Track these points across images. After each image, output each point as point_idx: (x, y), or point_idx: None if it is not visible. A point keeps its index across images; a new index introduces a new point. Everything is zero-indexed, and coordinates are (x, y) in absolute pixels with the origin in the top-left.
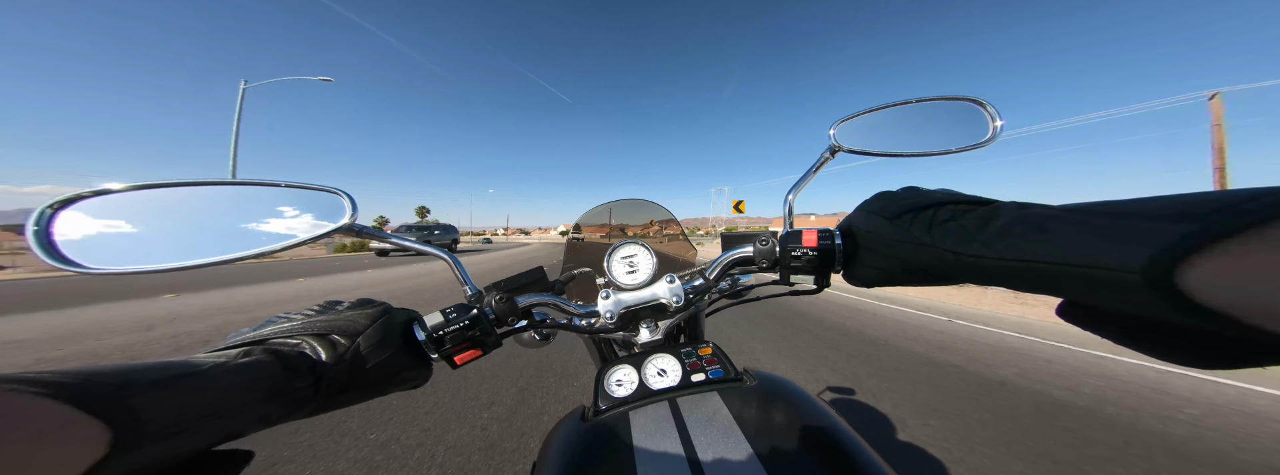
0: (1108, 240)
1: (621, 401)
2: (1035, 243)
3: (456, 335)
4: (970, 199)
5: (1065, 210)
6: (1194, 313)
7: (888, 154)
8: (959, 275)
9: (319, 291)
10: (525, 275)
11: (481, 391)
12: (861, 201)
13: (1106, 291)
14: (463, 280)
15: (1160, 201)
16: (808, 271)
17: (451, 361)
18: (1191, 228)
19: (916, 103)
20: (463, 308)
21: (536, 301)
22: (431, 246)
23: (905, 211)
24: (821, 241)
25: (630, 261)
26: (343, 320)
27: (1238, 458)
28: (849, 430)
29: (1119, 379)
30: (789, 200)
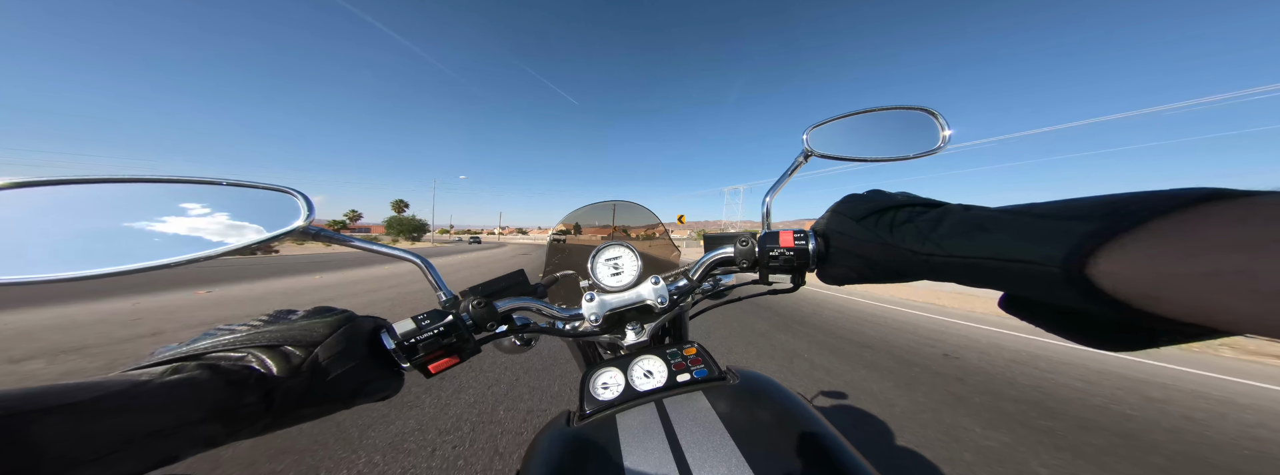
0: (1033, 238)
1: (608, 404)
2: (977, 241)
3: (430, 343)
4: (924, 201)
5: (1001, 211)
6: (1102, 301)
7: (853, 159)
8: (916, 272)
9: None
10: (504, 279)
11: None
12: (832, 203)
13: (1034, 284)
14: (436, 285)
15: (1076, 203)
16: (785, 271)
17: (425, 370)
18: (1094, 227)
19: (879, 111)
20: (437, 314)
21: (517, 306)
22: (398, 250)
23: (870, 213)
24: (797, 242)
25: (615, 263)
26: (298, 330)
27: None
28: (826, 424)
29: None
30: (766, 202)
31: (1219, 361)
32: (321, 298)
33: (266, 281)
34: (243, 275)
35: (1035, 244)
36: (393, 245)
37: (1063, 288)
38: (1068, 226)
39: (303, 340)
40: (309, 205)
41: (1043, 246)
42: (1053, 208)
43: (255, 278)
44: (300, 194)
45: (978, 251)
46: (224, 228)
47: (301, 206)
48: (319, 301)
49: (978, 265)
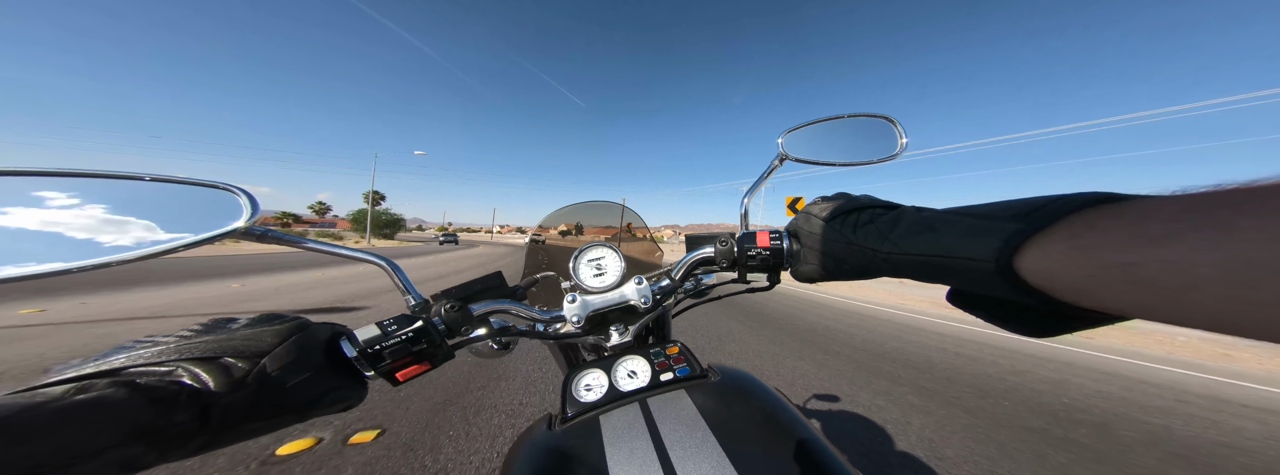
0: (973, 237)
1: (591, 406)
2: (928, 240)
3: (397, 350)
4: (883, 203)
5: (946, 213)
6: (1027, 293)
7: (823, 163)
8: (878, 270)
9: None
10: (481, 281)
11: None
12: (807, 204)
13: (974, 278)
14: (404, 289)
15: (1006, 204)
16: (762, 269)
17: (392, 379)
18: (1019, 226)
19: (846, 118)
20: (405, 319)
21: (494, 309)
22: (360, 251)
23: (837, 214)
24: (773, 241)
25: (598, 264)
26: (240, 340)
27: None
28: (802, 419)
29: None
30: (744, 203)
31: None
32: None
33: (160, 290)
34: (145, 280)
35: (973, 242)
36: (356, 246)
37: (997, 281)
38: (999, 226)
39: (246, 350)
40: (252, 204)
41: (979, 244)
42: (988, 209)
43: (157, 283)
44: (241, 191)
45: (929, 250)
46: (151, 228)
47: (243, 205)
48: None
49: (929, 262)
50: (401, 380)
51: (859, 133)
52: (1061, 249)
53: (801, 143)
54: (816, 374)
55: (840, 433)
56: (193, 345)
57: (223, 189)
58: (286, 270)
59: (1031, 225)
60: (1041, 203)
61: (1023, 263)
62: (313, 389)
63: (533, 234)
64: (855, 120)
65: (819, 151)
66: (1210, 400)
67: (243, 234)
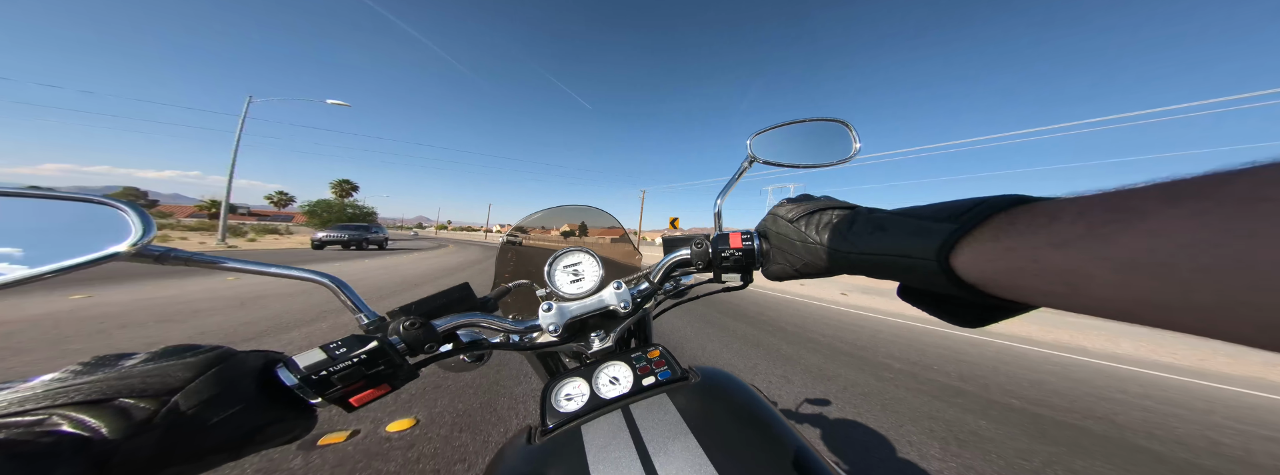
0: (918, 236)
1: (572, 416)
2: (880, 239)
3: (348, 374)
4: (842, 204)
5: (896, 213)
6: (962, 287)
7: (788, 164)
8: (838, 268)
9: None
10: (444, 294)
11: None
12: (774, 205)
13: (919, 274)
14: (355, 307)
15: (946, 205)
16: (735, 270)
17: (345, 404)
18: (954, 227)
19: (808, 121)
20: (356, 340)
21: (460, 323)
22: (298, 269)
23: (801, 215)
24: (745, 242)
25: (575, 270)
26: (138, 377)
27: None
28: (781, 418)
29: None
30: (717, 204)
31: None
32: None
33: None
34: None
35: (918, 242)
36: (296, 266)
37: (938, 277)
38: (939, 227)
39: (149, 389)
40: (143, 221)
41: (923, 244)
42: (931, 210)
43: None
44: (129, 208)
45: (880, 249)
46: (17, 248)
47: (131, 223)
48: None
49: (881, 261)
50: (356, 406)
51: (819, 136)
52: (988, 247)
53: (769, 145)
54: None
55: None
56: (71, 388)
57: (105, 204)
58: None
59: (964, 226)
60: (972, 204)
61: (958, 260)
62: (244, 424)
63: (508, 236)
64: (816, 124)
65: (784, 154)
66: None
67: (132, 256)
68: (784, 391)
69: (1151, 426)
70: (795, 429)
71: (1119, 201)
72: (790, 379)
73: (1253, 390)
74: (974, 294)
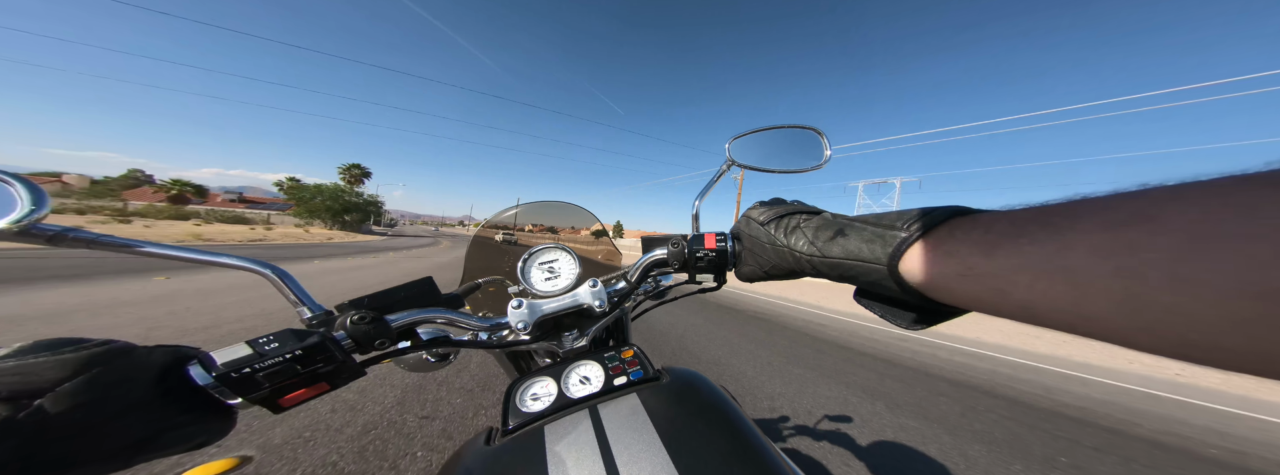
0: (873, 243)
1: (535, 416)
2: (840, 245)
3: (277, 371)
4: (809, 209)
5: (856, 219)
6: (909, 291)
7: (763, 169)
8: (803, 272)
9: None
10: (403, 288)
11: None
12: (747, 208)
13: (872, 279)
14: (297, 300)
15: (900, 213)
16: (710, 270)
17: (273, 404)
18: (904, 235)
19: (783, 128)
20: (292, 335)
21: (418, 319)
22: (227, 256)
23: (771, 219)
24: (719, 243)
25: (550, 267)
26: (16, 376)
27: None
28: (747, 419)
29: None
30: (696, 205)
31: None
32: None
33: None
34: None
35: (872, 248)
36: (234, 254)
37: (888, 282)
38: (890, 234)
39: (4, 391)
40: (34, 196)
41: (876, 250)
42: (886, 217)
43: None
44: (16, 180)
45: (841, 254)
46: None
47: (17, 197)
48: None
49: (840, 265)
50: (286, 405)
51: (794, 142)
52: (930, 255)
53: (747, 149)
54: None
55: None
56: None
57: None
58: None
59: (912, 235)
60: (922, 213)
61: (904, 266)
62: (135, 429)
63: (480, 231)
64: (791, 131)
65: (761, 158)
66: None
67: (16, 235)
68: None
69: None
70: (761, 434)
71: (1042, 216)
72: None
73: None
74: (918, 298)
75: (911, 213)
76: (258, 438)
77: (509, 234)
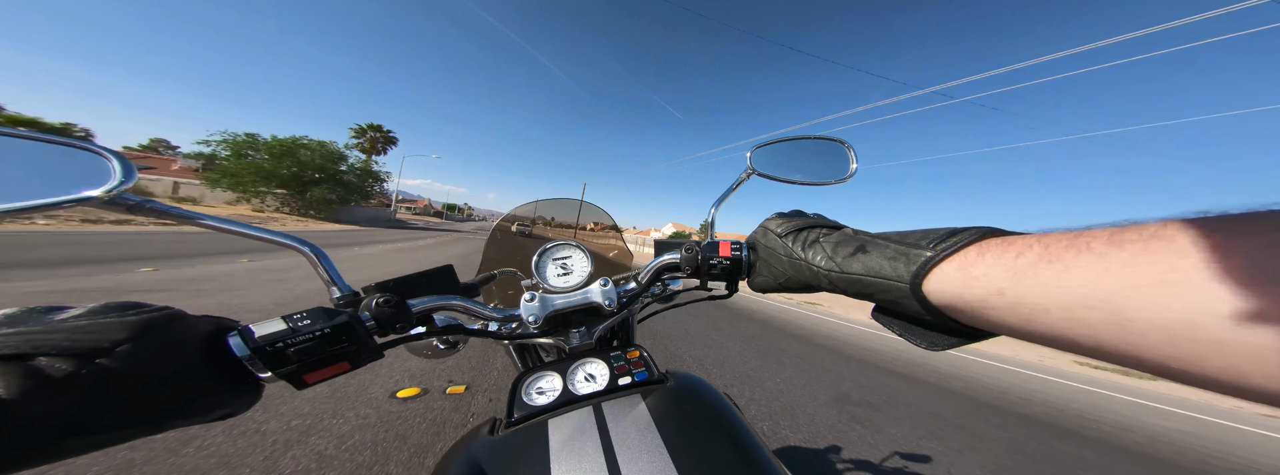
0: (895, 260)
1: (540, 410)
2: (860, 261)
3: (307, 348)
4: (830, 223)
5: (877, 236)
6: (932, 312)
7: (784, 180)
8: (819, 286)
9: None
10: (425, 274)
11: None
12: (766, 219)
13: (893, 297)
14: (330, 279)
15: (925, 232)
16: (722, 278)
17: (297, 380)
18: (930, 254)
19: (809, 139)
20: (323, 313)
21: (437, 305)
22: (275, 233)
23: (790, 231)
24: (734, 252)
25: (564, 263)
26: (65, 334)
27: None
28: (749, 428)
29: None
30: (712, 212)
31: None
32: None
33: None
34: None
35: (895, 265)
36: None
37: (910, 301)
38: (915, 253)
39: (76, 347)
40: (124, 170)
41: (899, 268)
42: (911, 236)
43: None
44: (112, 155)
45: (861, 270)
46: (7, 181)
47: (114, 171)
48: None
49: (860, 281)
50: (310, 383)
51: (819, 154)
52: (958, 276)
53: (769, 158)
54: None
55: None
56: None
57: (84, 150)
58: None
59: (939, 254)
60: (949, 233)
61: (929, 286)
62: (175, 395)
63: (499, 223)
64: (816, 142)
65: (783, 169)
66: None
67: (105, 203)
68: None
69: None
70: (763, 443)
71: (1080, 241)
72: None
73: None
74: (941, 319)
75: (938, 232)
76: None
77: (526, 227)
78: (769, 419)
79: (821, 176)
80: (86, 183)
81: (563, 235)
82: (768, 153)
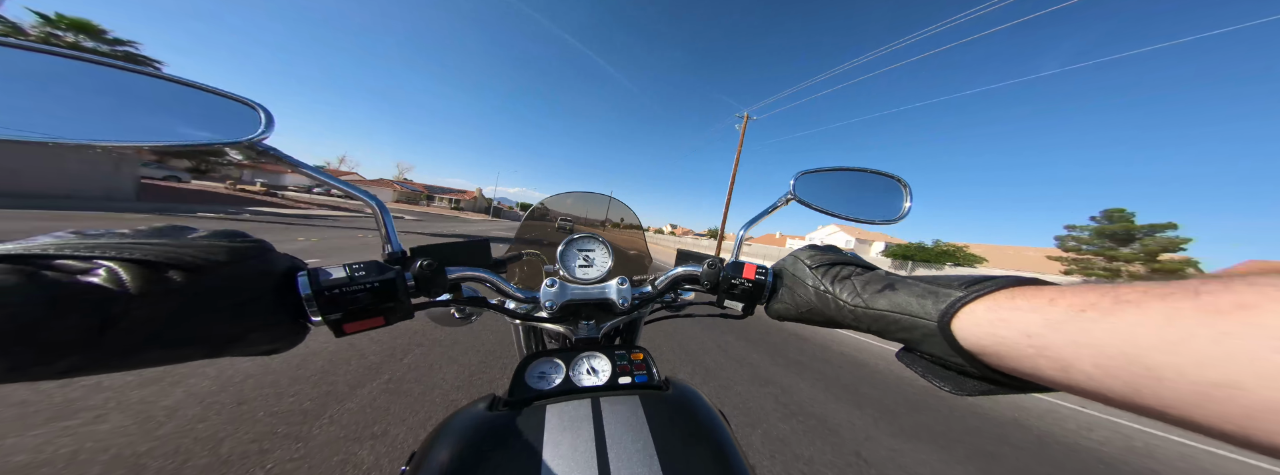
0: (923, 298)
1: (541, 393)
2: (887, 298)
3: (357, 297)
4: (864, 264)
5: (909, 277)
6: (961, 353)
7: (828, 212)
8: (843, 322)
9: None
10: (466, 245)
11: None
12: (796, 249)
13: (919, 334)
14: (386, 236)
15: (961, 277)
16: (740, 299)
17: (338, 328)
18: (961, 294)
19: (863, 171)
20: (377, 267)
21: (470, 275)
22: (354, 186)
23: (822, 265)
24: (758, 276)
25: (588, 255)
26: (191, 249)
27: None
28: (737, 446)
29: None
30: (741, 234)
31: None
32: None
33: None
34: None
35: (923, 302)
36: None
37: (937, 339)
38: (946, 292)
39: (191, 261)
40: (268, 121)
41: (928, 305)
42: (941, 278)
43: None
44: (262, 108)
45: (887, 306)
46: (180, 123)
47: (261, 120)
48: None
49: (885, 317)
50: (347, 332)
51: (869, 188)
52: (987, 317)
53: (813, 186)
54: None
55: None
56: (132, 245)
57: (245, 104)
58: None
59: (971, 294)
60: (985, 278)
61: (957, 325)
62: (243, 320)
63: (536, 207)
64: (868, 176)
65: (827, 199)
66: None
67: (249, 147)
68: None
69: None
70: (747, 463)
71: (1112, 292)
72: None
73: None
74: (972, 362)
75: (969, 277)
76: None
77: (567, 222)
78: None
79: (867, 213)
80: (241, 129)
81: (590, 229)
82: (813, 180)
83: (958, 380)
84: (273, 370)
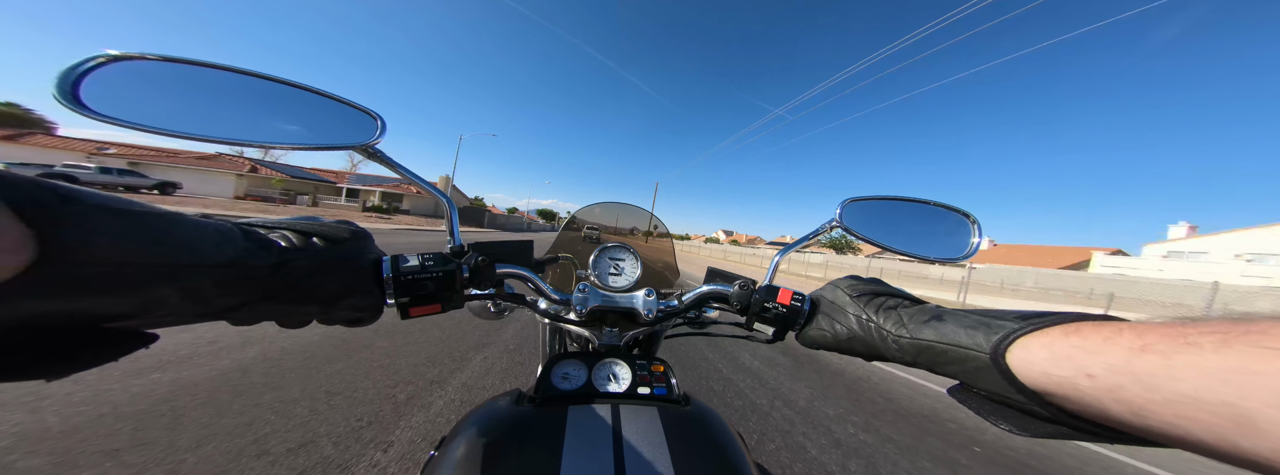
0: (974, 329)
1: (566, 394)
2: (934, 328)
3: (424, 284)
4: (912, 297)
5: (959, 310)
6: (1020, 389)
7: (879, 243)
8: (886, 353)
9: None
10: (514, 245)
11: None
12: (835, 279)
13: (970, 367)
14: (450, 231)
15: (1013, 311)
16: (772, 323)
17: (405, 310)
18: (1016, 326)
19: (921, 203)
20: (443, 259)
21: (514, 273)
22: (432, 186)
23: (866, 294)
24: (793, 302)
25: (618, 264)
26: (327, 227)
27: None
28: (752, 467)
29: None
30: (776, 259)
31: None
32: None
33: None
34: None
35: (975, 334)
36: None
37: (990, 372)
38: (999, 324)
39: (327, 234)
40: (382, 128)
41: (979, 337)
42: (993, 312)
43: None
44: (378, 116)
45: (933, 337)
46: (308, 128)
47: (377, 126)
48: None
49: (932, 348)
50: (412, 315)
51: (928, 220)
52: (1043, 353)
53: (862, 215)
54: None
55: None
56: (293, 222)
57: (365, 112)
58: None
59: (1026, 327)
60: (1042, 313)
61: (1012, 358)
62: (346, 286)
63: (577, 213)
64: (927, 208)
65: (877, 229)
66: None
67: (363, 150)
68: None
69: None
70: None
71: (1179, 332)
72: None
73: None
74: (1030, 400)
75: (1029, 311)
76: None
77: (594, 229)
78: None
79: (926, 248)
80: (359, 134)
81: (622, 239)
82: (862, 209)
83: (1020, 420)
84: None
